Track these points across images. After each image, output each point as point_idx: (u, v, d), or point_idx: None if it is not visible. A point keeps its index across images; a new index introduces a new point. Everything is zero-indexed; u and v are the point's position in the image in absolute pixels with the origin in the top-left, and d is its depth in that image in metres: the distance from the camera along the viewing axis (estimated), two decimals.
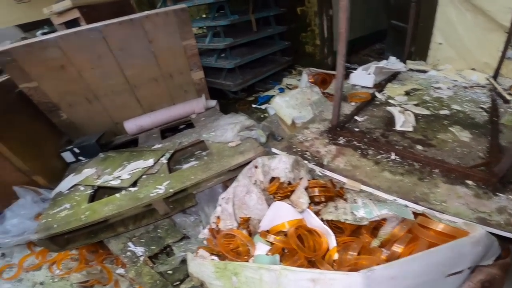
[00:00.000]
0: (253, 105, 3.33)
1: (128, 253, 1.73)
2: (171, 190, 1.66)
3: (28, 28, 8.39)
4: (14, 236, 1.86)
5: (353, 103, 2.21)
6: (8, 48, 1.94)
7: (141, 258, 1.70)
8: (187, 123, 2.77)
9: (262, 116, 3.07)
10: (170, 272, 1.67)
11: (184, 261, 1.65)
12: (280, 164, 1.45)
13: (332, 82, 2.73)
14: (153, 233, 1.82)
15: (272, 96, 3.47)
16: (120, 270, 1.76)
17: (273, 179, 1.46)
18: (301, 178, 1.49)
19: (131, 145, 2.60)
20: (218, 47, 3.03)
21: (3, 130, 1.84)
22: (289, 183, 1.47)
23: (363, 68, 2.44)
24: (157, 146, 2.26)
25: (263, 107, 3.24)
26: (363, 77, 2.37)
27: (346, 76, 2.85)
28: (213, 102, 2.90)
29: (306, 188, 1.39)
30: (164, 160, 1.99)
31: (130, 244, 1.77)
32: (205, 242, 1.43)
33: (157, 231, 1.83)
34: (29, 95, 2.11)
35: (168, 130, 2.72)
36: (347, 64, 4.23)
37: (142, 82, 2.54)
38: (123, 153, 2.24)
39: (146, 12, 2.36)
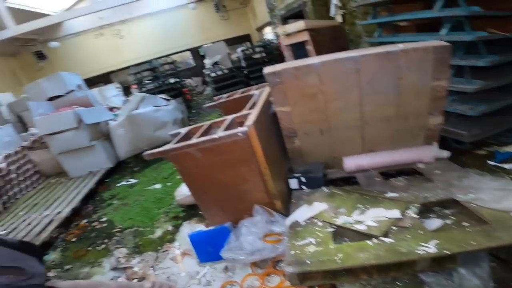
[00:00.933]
0: (490, 162, 2.60)
1: None
2: (446, 252, 1.43)
3: (229, 43, 10.38)
4: (247, 254, 1.95)
5: None
6: (280, 69, 2.13)
7: None
8: (402, 171, 2.40)
9: (509, 178, 2.32)
10: None
11: None
12: None
13: None
14: (390, 285, 1.60)
15: None
16: None
17: None
18: None
19: (343, 182, 2.47)
20: (466, 90, 2.51)
21: (268, 152, 2.00)
22: None
23: None
24: (391, 194, 2.02)
25: (506, 166, 2.47)
26: None
27: None
28: (444, 153, 2.42)
29: None
30: (412, 214, 1.78)
31: None
32: None
33: (395, 283, 1.59)
34: (280, 119, 2.28)
35: (383, 174, 2.44)
36: None
37: (374, 120, 2.35)
38: (351, 194, 2.12)
39: (401, 46, 2.16)
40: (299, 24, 3.26)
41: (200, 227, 2.61)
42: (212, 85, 8.80)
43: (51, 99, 4.88)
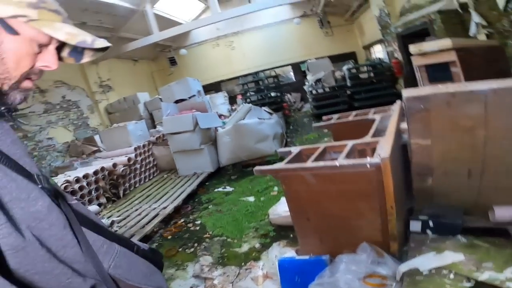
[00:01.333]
0: None
1: None
2: None
3: (332, 60, 9.89)
4: None
5: None
6: (428, 94, 1.74)
7: None
8: None
9: None
10: None
11: None
12: None
13: None
14: None
15: None
16: None
17: None
18: None
19: (482, 233, 1.89)
20: None
21: (396, 189, 1.65)
22: None
23: None
24: None
25: None
26: None
27: None
28: None
29: None
30: None
31: None
32: None
33: None
34: (413, 152, 1.87)
35: None
36: None
37: None
38: (503, 248, 1.64)
39: None
40: (444, 42, 2.72)
41: (290, 252, 2.39)
42: (312, 102, 8.50)
43: (176, 101, 5.63)
